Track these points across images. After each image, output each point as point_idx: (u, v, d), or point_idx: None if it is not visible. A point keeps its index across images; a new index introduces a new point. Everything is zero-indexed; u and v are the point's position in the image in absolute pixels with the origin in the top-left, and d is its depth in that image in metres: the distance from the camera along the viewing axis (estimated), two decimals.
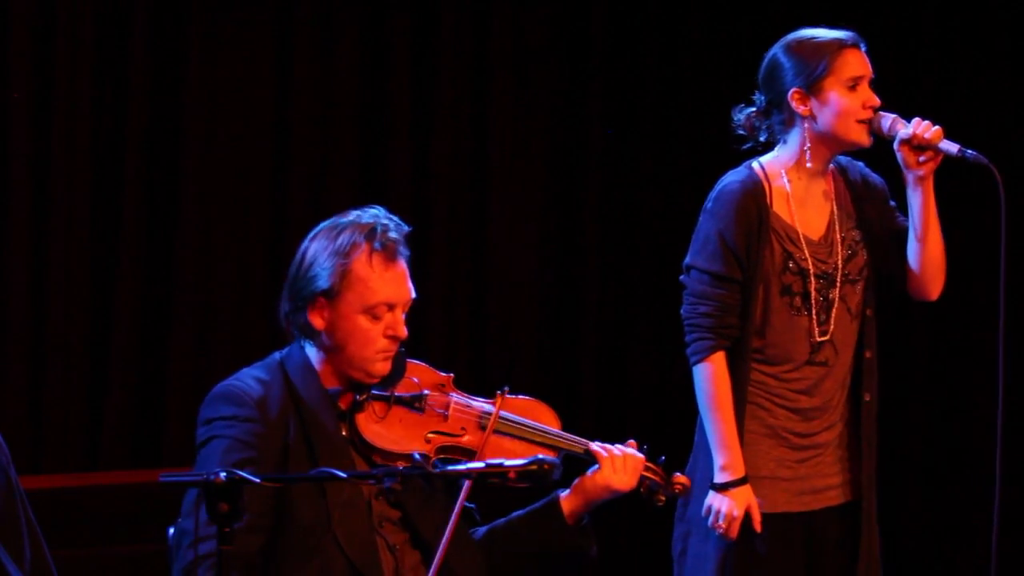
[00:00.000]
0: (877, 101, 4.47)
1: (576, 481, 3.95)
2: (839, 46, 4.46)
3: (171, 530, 3.89)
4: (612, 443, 3.98)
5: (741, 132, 4.61)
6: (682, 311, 4.56)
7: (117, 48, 5.99)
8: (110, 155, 5.99)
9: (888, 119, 4.45)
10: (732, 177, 4.57)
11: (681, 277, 4.58)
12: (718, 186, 4.58)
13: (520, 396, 4.01)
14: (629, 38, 6.71)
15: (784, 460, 4.53)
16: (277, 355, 3.92)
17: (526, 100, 6.57)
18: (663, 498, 4.05)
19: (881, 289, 4.61)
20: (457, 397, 3.94)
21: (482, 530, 3.99)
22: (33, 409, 5.90)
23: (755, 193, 4.50)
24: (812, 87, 4.45)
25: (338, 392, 3.86)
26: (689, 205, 6.71)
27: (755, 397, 4.52)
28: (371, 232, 3.82)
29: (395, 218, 3.90)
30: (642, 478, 3.99)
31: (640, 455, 3.98)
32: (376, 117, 6.36)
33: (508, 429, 3.94)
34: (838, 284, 4.53)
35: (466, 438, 3.89)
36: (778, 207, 4.52)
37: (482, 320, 6.52)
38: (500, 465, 3.49)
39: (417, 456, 3.75)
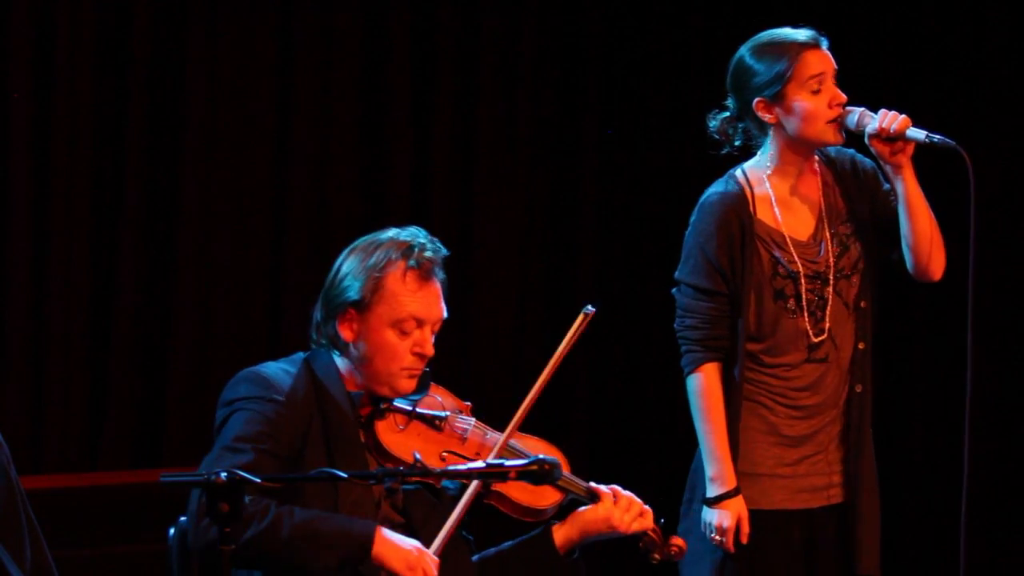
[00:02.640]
0: (843, 97, 4.46)
1: (573, 513, 3.95)
2: (797, 50, 4.46)
3: (171, 530, 3.89)
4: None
5: (717, 137, 4.62)
6: (674, 325, 4.59)
7: (117, 48, 5.99)
8: (110, 155, 5.99)
9: (856, 114, 4.45)
10: (714, 189, 4.60)
11: (672, 291, 4.60)
12: (701, 199, 4.60)
13: (532, 436, 4.01)
14: (627, 37, 6.71)
15: (783, 458, 4.54)
16: (302, 354, 3.93)
17: (522, 100, 6.57)
18: (658, 557, 4.05)
19: (884, 278, 4.62)
20: (476, 425, 3.95)
21: (474, 559, 3.98)
22: (33, 409, 5.90)
23: (736, 204, 4.52)
24: (775, 96, 4.46)
25: (360, 397, 3.87)
26: (688, 211, 6.76)
27: (756, 396, 4.54)
28: (408, 250, 3.84)
29: (434, 240, 3.91)
30: (643, 534, 4.00)
31: (638, 500, 3.98)
32: (376, 118, 6.36)
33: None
34: (832, 281, 4.53)
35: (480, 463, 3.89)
36: (762, 213, 4.54)
37: (473, 323, 6.51)
38: (501, 465, 3.49)
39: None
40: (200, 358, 6.08)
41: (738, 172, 4.58)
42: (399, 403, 3.88)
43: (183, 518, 3.87)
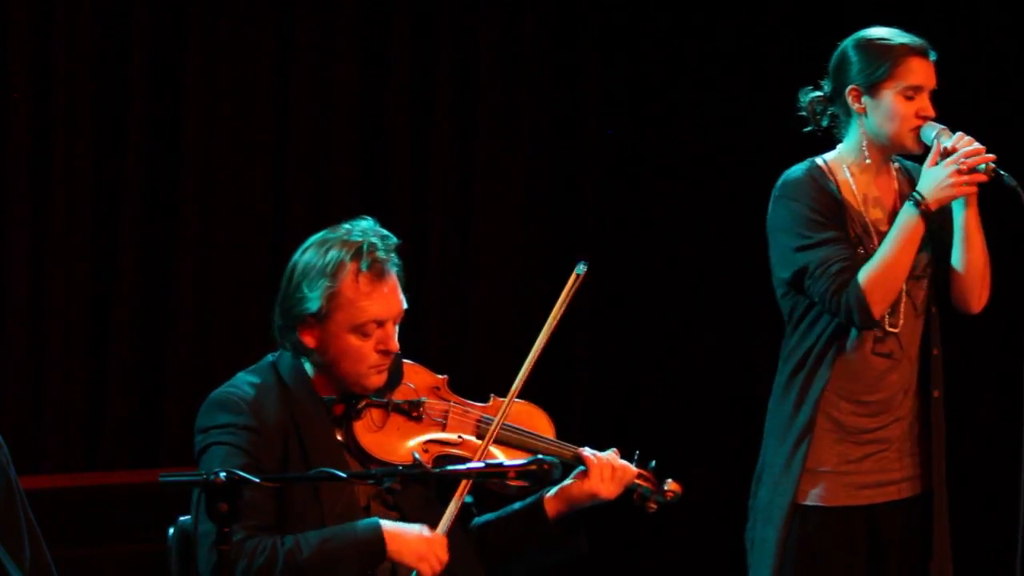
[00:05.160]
0: (931, 112, 4.47)
1: (561, 485, 3.95)
2: (906, 52, 4.46)
3: (171, 530, 3.89)
4: (601, 450, 3.97)
5: (803, 115, 4.63)
6: (818, 295, 4.46)
7: (117, 48, 6.00)
8: (110, 155, 5.99)
9: (935, 129, 4.45)
10: (796, 167, 4.59)
11: (793, 278, 4.52)
12: (782, 178, 4.58)
13: (518, 400, 3.98)
14: (627, 36, 6.72)
15: (847, 455, 4.54)
16: (270, 357, 3.93)
17: (521, 100, 6.58)
18: (654, 505, 4.03)
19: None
20: (455, 404, 3.94)
21: (473, 524, 4.00)
22: (33, 409, 5.90)
23: (823, 180, 4.53)
24: (870, 87, 4.47)
25: (332, 399, 3.87)
26: (688, 209, 6.76)
27: (824, 392, 4.54)
28: (358, 252, 3.81)
29: (384, 232, 3.88)
30: (634, 486, 3.99)
31: (631, 466, 3.98)
32: (376, 119, 6.36)
33: (502, 436, 3.92)
34: None
35: (463, 447, 3.89)
36: (845, 193, 4.54)
37: (473, 321, 6.51)
38: (500, 465, 3.49)
39: (416, 456, 3.76)
40: (200, 358, 6.08)
41: (818, 159, 4.59)
42: (374, 398, 3.87)
43: (183, 518, 3.88)
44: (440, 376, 3.97)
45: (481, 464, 3.52)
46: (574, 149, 6.67)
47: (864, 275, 4.41)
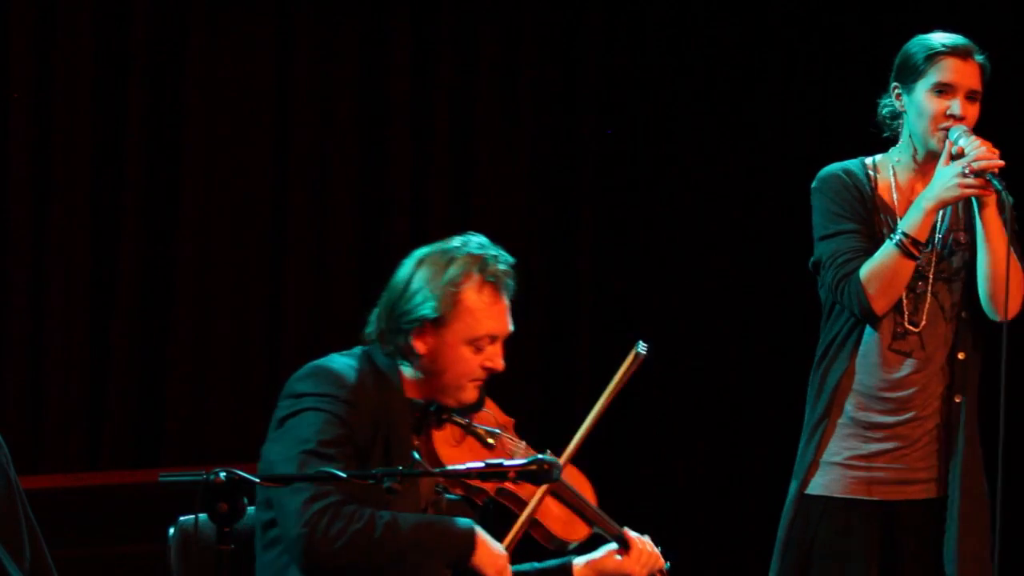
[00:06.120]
0: (960, 112, 4.48)
1: (592, 557, 4.00)
2: (941, 52, 4.51)
3: (171, 530, 3.89)
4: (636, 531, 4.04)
5: (878, 119, 4.67)
6: (827, 285, 4.53)
7: (117, 47, 6.00)
8: (110, 155, 6.00)
9: (959, 131, 4.46)
10: (835, 163, 4.63)
11: (814, 268, 4.57)
12: (819, 174, 4.62)
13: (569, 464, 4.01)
14: (626, 37, 6.72)
15: (859, 449, 4.54)
16: (360, 348, 3.90)
17: (522, 100, 6.58)
18: None
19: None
20: (526, 446, 3.97)
21: None
22: (33, 409, 5.90)
23: (856, 176, 4.57)
24: (907, 85, 4.53)
25: (418, 404, 3.87)
26: (689, 210, 6.76)
27: (840, 383, 4.55)
28: (483, 264, 3.83)
29: (499, 249, 3.90)
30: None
31: (661, 556, 4.03)
32: (376, 118, 6.37)
33: (562, 494, 3.96)
34: (930, 279, 4.53)
35: (522, 489, 3.91)
36: (882, 191, 4.57)
37: None
38: (500, 465, 3.49)
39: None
40: (200, 359, 6.08)
41: (867, 158, 4.64)
42: (456, 415, 3.89)
43: (183, 518, 3.88)
44: (510, 418, 4.01)
45: (482, 464, 3.52)
46: (574, 149, 6.67)
47: (864, 268, 4.45)
